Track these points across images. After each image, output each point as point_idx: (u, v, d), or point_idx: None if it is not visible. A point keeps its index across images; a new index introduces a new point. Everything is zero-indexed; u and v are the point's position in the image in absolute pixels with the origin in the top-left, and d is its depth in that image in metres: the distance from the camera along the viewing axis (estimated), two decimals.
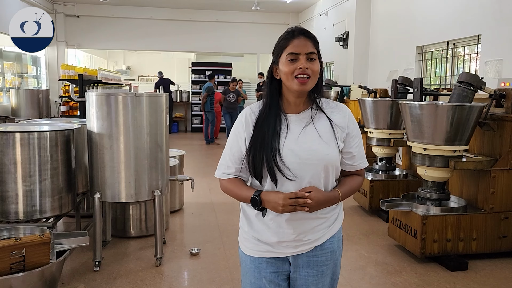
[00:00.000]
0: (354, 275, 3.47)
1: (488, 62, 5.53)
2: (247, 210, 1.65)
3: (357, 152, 1.64)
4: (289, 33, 1.56)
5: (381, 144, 5.04)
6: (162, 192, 3.57)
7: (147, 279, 3.32)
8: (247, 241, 1.66)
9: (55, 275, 2.84)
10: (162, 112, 3.56)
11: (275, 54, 1.58)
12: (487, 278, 3.42)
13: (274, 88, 1.60)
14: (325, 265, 1.64)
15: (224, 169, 1.64)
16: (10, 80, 10.78)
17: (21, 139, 3.19)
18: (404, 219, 3.84)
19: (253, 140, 1.57)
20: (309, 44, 1.54)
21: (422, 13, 7.11)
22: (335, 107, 1.64)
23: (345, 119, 1.62)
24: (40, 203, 3.29)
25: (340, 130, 1.60)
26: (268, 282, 1.63)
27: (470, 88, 3.57)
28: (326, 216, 1.61)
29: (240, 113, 1.65)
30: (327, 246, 1.64)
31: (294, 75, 1.51)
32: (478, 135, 3.87)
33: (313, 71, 1.53)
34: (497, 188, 3.68)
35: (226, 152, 1.65)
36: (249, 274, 1.67)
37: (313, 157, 1.54)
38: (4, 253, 2.50)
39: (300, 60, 1.52)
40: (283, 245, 1.60)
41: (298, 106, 1.60)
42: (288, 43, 1.54)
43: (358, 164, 1.65)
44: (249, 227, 1.64)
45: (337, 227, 1.67)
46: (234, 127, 1.65)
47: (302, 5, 12.57)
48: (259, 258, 1.63)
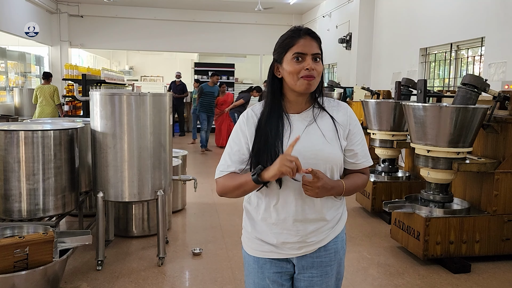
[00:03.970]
0: (357, 277, 3.46)
1: (492, 64, 5.52)
2: (251, 211, 1.64)
3: (359, 150, 1.61)
4: (295, 32, 1.54)
5: (384, 146, 5.04)
6: (165, 191, 3.58)
7: (149, 278, 3.32)
8: (250, 242, 1.65)
9: (58, 273, 2.84)
10: (166, 112, 3.56)
11: (279, 53, 1.56)
12: (490, 280, 3.41)
13: (276, 87, 1.58)
14: (329, 266, 1.64)
15: (224, 167, 1.59)
16: (13, 80, 10.82)
17: (25, 138, 3.21)
18: (406, 221, 3.84)
19: (256, 142, 1.55)
20: (314, 44, 1.53)
21: (426, 14, 7.10)
22: (337, 105, 1.63)
23: (347, 116, 1.61)
24: (44, 202, 3.30)
25: (342, 128, 1.59)
26: (272, 282, 1.63)
27: (474, 90, 3.56)
28: (328, 218, 1.60)
29: (241, 114, 1.64)
30: (331, 247, 1.63)
31: (300, 76, 1.50)
32: (481, 137, 3.86)
33: (318, 72, 1.52)
34: (501, 191, 3.67)
35: (226, 151, 1.62)
36: (252, 274, 1.66)
37: (317, 156, 1.53)
38: (7, 251, 2.51)
39: (306, 60, 1.50)
40: (287, 246, 1.59)
41: (300, 105, 1.59)
42: (295, 42, 1.51)
43: (361, 162, 1.63)
44: (252, 228, 1.63)
45: (340, 227, 1.66)
46: (235, 127, 1.64)
47: (306, 6, 12.58)
48: (263, 258, 1.63)
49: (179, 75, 12.80)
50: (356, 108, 6.89)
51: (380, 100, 5.14)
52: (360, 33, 9.13)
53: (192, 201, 5.44)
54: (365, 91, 6.59)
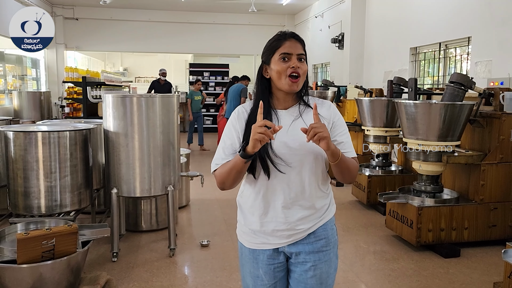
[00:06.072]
0: (355, 263, 3.72)
1: (478, 63, 5.81)
2: (242, 204, 1.78)
3: (344, 139, 1.71)
4: (281, 36, 1.69)
5: (377, 141, 5.31)
6: (175, 187, 3.80)
7: (162, 267, 3.55)
8: (245, 234, 1.78)
9: (80, 263, 3.06)
10: (174, 112, 3.79)
11: (267, 54, 1.69)
12: (478, 263, 3.69)
13: (264, 86, 1.71)
14: (321, 251, 1.71)
15: (218, 161, 1.71)
16: (11, 83, 10.94)
17: (43, 138, 3.42)
18: (400, 210, 4.10)
19: (246, 133, 1.65)
20: (299, 46, 1.67)
21: (415, 15, 7.39)
22: (321, 103, 1.75)
23: (330, 111, 1.73)
24: (61, 198, 3.51)
25: (327, 121, 1.69)
26: (264, 273, 1.74)
27: (461, 88, 3.83)
28: (317, 206, 1.70)
29: (233, 111, 1.76)
30: (320, 233, 1.72)
31: (287, 74, 1.63)
32: (468, 131, 4.14)
33: (303, 71, 1.66)
34: (487, 181, 3.94)
35: (220, 145, 1.73)
36: (248, 264, 1.79)
37: (302, 148, 1.63)
38: (36, 242, 2.72)
39: (292, 60, 1.64)
40: (277, 234, 1.69)
41: (287, 102, 1.71)
42: (281, 44, 1.66)
43: (348, 152, 1.70)
44: (245, 220, 1.76)
45: (328, 216, 1.75)
46: (227, 123, 1.75)
47: (298, 7, 12.82)
48: (257, 250, 1.74)
49: (164, 73, 10.65)
50: (350, 106, 7.15)
51: (373, 98, 5.41)
52: (352, 33, 9.38)
53: (195, 197, 5.67)
54: (359, 90, 6.84)
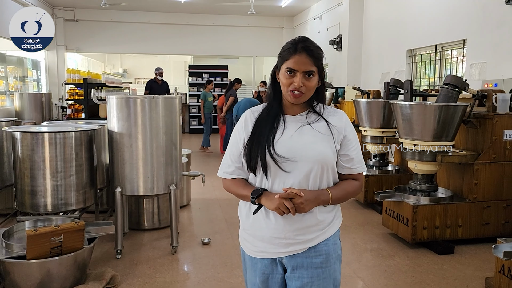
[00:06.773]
0: (353, 259, 3.83)
1: (473, 65, 5.93)
2: (242, 209, 1.76)
3: (354, 155, 1.65)
4: (292, 46, 1.59)
5: (374, 142, 5.42)
6: (177, 186, 3.91)
7: (165, 264, 3.65)
8: (245, 241, 1.76)
9: (86, 260, 3.16)
10: (176, 113, 3.90)
11: (278, 61, 1.63)
12: (471, 260, 3.80)
13: (276, 90, 1.67)
14: (320, 268, 1.64)
15: (225, 168, 1.73)
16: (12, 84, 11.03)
17: (49, 139, 3.52)
18: (396, 209, 4.22)
19: (251, 135, 1.65)
20: (309, 62, 1.56)
21: (412, 18, 7.51)
22: (333, 111, 1.69)
23: (342, 122, 1.65)
24: (67, 197, 3.62)
25: (337, 131, 1.63)
26: (261, 282, 1.72)
27: (455, 90, 3.94)
28: (320, 218, 1.63)
29: (242, 115, 1.74)
30: (321, 249, 1.64)
31: (289, 89, 1.58)
32: (462, 132, 4.25)
33: (308, 88, 1.58)
34: (480, 180, 4.06)
35: (227, 152, 1.74)
36: (248, 270, 1.80)
37: (307, 153, 1.58)
38: (45, 238, 2.83)
39: (296, 77, 1.55)
40: (275, 242, 1.63)
41: (296, 109, 1.66)
42: (289, 57, 1.57)
43: (356, 167, 1.66)
44: (245, 224, 1.75)
45: (331, 231, 1.67)
46: (234, 129, 1.74)
47: (297, 9, 12.94)
48: (255, 258, 1.72)
49: (161, 72, 10.31)
50: (348, 107, 7.26)
51: (370, 100, 5.53)
52: (350, 35, 9.50)
53: (196, 197, 5.77)
54: (356, 91, 6.95)
